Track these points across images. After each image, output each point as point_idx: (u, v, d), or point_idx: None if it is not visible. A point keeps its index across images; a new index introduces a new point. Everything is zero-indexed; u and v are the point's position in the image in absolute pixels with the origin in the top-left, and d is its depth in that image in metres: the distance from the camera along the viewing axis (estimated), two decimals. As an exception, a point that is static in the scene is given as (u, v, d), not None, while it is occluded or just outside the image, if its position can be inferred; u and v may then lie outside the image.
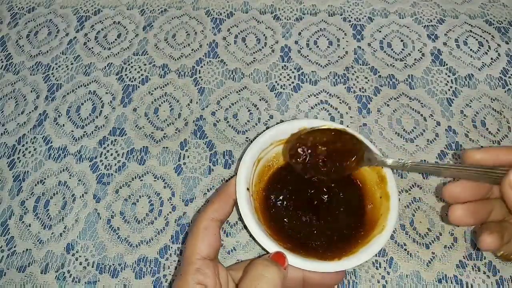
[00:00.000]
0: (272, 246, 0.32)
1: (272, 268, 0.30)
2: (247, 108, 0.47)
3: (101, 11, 0.55)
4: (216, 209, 0.33)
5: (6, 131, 0.46)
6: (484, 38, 0.51)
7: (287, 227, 0.36)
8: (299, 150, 0.36)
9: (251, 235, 0.35)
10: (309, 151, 0.36)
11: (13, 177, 0.44)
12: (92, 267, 0.39)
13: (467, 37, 0.51)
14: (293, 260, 0.32)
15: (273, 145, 0.39)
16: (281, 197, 0.38)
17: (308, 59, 0.50)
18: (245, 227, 0.34)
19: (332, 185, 0.38)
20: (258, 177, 0.38)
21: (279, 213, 0.37)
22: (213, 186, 0.43)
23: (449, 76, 0.48)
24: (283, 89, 0.48)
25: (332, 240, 0.36)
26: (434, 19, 0.53)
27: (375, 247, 0.33)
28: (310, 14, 0.53)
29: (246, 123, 0.46)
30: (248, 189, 0.35)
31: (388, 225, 0.34)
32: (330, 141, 0.36)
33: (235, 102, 0.47)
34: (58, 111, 0.47)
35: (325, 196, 0.38)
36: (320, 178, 0.37)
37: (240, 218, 0.35)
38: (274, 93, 0.48)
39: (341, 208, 0.37)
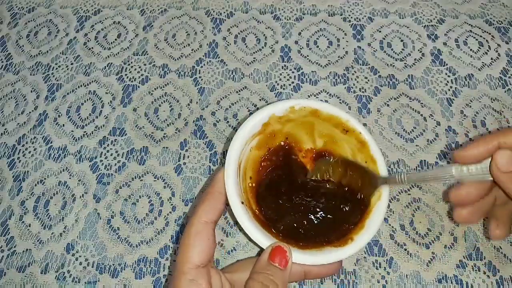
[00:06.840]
0: (298, 257, 0.32)
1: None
2: (247, 108, 0.47)
3: (101, 11, 0.55)
4: (207, 210, 0.31)
5: (6, 131, 0.46)
6: (484, 38, 0.51)
7: (292, 225, 0.35)
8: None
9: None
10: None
11: (13, 177, 0.44)
12: (92, 267, 0.39)
13: (467, 37, 0.51)
14: (312, 259, 0.32)
15: (247, 143, 0.36)
16: (273, 197, 0.36)
17: (308, 59, 0.50)
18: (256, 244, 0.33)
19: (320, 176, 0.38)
20: (244, 182, 0.36)
21: (279, 214, 0.36)
22: (213, 186, 0.43)
23: (449, 76, 0.48)
24: (283, 89, 0.48)
25: (338, 224, 0.35)
26: (434, 19, 0.53)
27: (380, 213, 0.33)
28: (310, 14, 0.53)
29: (246, 123, 0.46)
30: (242, 202, 0.33)
31: (383, 191, 0.34)
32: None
33: (235, 102, 0.47)
34: (58, 111, 0.47)
35: (314, 183, 0.37)
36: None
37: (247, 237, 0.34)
38: (274, 93, 0.48)
39: (333, 188, 0.37)
